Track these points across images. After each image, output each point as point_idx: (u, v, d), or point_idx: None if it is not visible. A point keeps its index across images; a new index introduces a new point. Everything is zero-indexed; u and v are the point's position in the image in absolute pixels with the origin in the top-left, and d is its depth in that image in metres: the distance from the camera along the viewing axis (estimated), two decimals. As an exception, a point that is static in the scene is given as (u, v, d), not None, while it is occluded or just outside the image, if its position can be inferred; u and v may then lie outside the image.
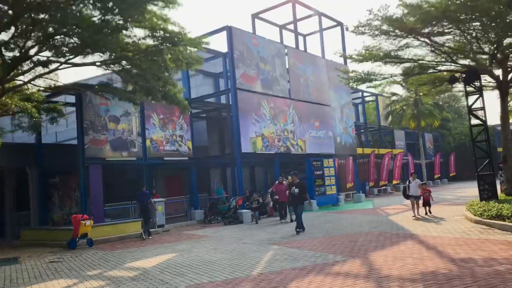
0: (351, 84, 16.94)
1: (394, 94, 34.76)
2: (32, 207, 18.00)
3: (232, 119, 19.13)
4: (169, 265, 9.11)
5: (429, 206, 15.66)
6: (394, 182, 36.36)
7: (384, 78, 16.62)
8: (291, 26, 26.45)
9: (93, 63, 12.41)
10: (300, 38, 27.44)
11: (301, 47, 26.45)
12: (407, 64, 17.51)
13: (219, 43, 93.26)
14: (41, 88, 14.68)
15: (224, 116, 23.81)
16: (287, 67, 22.53)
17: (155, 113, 19.04)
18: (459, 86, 24.30)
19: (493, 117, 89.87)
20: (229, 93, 19.32)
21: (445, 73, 17.10)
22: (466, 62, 16.28)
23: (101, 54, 12.20)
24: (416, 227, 12.59)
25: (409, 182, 15.83)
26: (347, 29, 28.85)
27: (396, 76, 17.00)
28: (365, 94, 37.32)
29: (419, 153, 46.01)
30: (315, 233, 12.92)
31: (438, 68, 16.35)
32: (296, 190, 13.61)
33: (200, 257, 9.85)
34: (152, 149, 18.71)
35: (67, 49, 11.72)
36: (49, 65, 12.66)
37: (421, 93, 33.40)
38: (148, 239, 14.89)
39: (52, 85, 14.37)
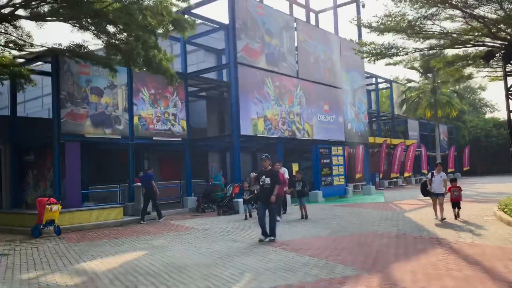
0: (367, 59, 14.67)
1: (410, 80, 32.40)
2: (4, 187, 16.14)
3: (231, 98, 16.99)
4: (128, 270, 7.09)
5: (459, 208, 12.18)
6: (406, 174, 34.16)
7: (407, 54, 14.30)
8: (302, 1, 24.08)
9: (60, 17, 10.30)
10: (312, 15, 25.09)
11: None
12: (433, 41, 15.20)
13: (221, 13, 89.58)
14: (11, 52, 12.69)
15: (226, 96, 21.68)
16: (295, 42, 20.26)
17: (145, 87, 16.96)
18: (481, 74, 21.95)
19: None
20: (228, 67, 17.15)
21: (479, 49, 14.76)
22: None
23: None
24: (442, 229, 10.47)
25: (432, 175, 12.34)
26: (363, 6, 26.61)
27: (421, 50, 14.66)
28: (379, 80, 34.96)
29: (433, 145, 43.82)
30: (319, 230, 10.86)
31: (472, 42, 14.01)
32: (267, 181, 9.62)
33: (172, 260, 7.83)
34: (141, 127, 16.67)
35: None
36: (13, 21, 10.63)
37: (439, 81, 31.08)
38: (135, 227, 12.95)
39: (22, 47, 12.35)
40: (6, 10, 10.71)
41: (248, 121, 17.16)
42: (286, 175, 15.02)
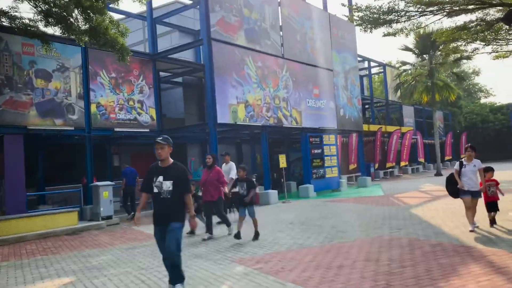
0: (362, 27, 12.42)
1: (404, 63, 30.15)
2: None
3: (205, 80, 14.64)
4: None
5: (496, 210, 8.49)
6: (402, 163, 32.13)
7: (409, 19, 12.00)
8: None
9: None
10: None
11: None
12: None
13: None
14: None
15: (204, 81, 19.31)
16: (280, 18, 17.90)
17: (104, 70, 14.54)
18: (487, 50, 19.77)
19: None
20: (201, 44, 14.76)
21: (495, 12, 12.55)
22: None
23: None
24: (463, 229, 8.28)
25: (462, 165, 8.34)
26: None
27: (426, 14, 12.36)
28: (372, 64, 32.74)
29: (430, 132, 41.83)
30: (310, 236, 8.62)
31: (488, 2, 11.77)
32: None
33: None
34: (100, 117, 14.27)
35: None
36: None
37: (436, 62, 28.92)
38: (88, 235, 10.60)
39: None
40: None
41: (226, 107, 14.83)
42: (233, 172, 11.28)
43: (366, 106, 35.13)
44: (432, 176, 27.93)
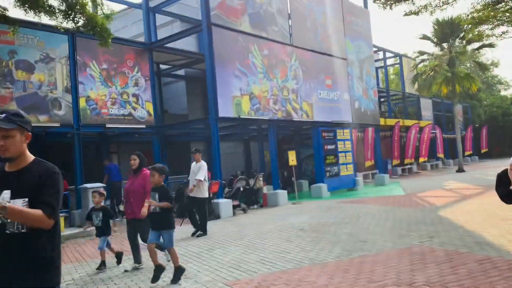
0: (381, 3, 10.88)
1: (422, 53, 28.32)
2: None
3: (206, 70, 13.24)
4: None
5: None
6: (421, 159, 30.38)
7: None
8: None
9: None
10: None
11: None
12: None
13: None
14: None
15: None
16: (288, 2, 16.40)
17: (95, 61, 13.23)
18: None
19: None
20: (200, 30, 13.36)
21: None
22: None
23: None
24: (510, 238, 6.76)
25: None
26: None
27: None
28: (387, 55, 31.00)
29: (449, 126, 39.91)
30: (323, 247, 7.16)
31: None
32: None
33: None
34: (90, 112, 12.97)
35: None
36: None
37: (456, 51, 27.08)
38: (69, 245, 9.31)
39: None
40: None
41: (228, 100, 13.41)
42: (202, 174, 9.31)
43: (382, 100, 33.40)
44: (453, 173, 26.17)
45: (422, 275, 5.22)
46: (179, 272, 5.79)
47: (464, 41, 26.61)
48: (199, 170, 9.38)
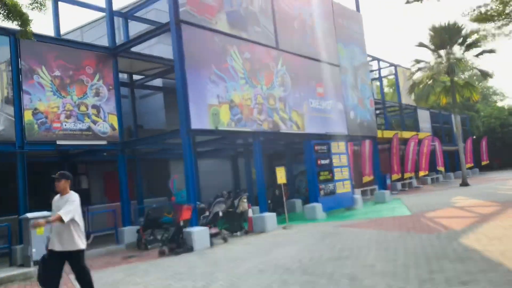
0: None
1: (418, 61, 26.65)
2: None
3: (175, 74, 11.28)
4: None
5: None
6: (421, 173, 28.45)
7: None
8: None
9: None
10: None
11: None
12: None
13: None
14: None
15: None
16: (271, 1, 14.60)
17: (45, 67, 11.24)
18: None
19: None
20: (167, 30, 11.44)
21: None
22: None
23: None
24: None
25: None
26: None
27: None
28: (382, 65, 29.34)
29: (448, 138, 38.22)
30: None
31: None
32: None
33: None
34: (37, 127, 10.92)
35: None
36: None
37: (455, 58, 25.42)
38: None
39: None
40: None
41: (203, 109, 11.43)
42: (70, 212, 5.67)
43: (378, 112, 31.65)
44: (457, 187, 24.26)
45: None
46: None
47: (463, 47, 24.96)
48: (65, 206, 5.72)
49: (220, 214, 11.47)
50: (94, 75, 12.25)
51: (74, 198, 5.81)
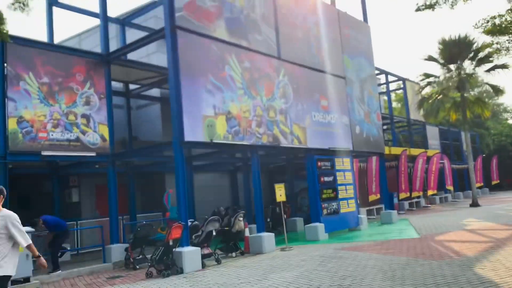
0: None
1: (428, 75, 25.90)
2: None
3: (169, 83, 10.62)
4: None
5: None
6: (430, 192, 27.44)
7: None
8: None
9: None
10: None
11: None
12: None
13: None
14: None
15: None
16: (274, 8, 13.99)
17: (32, 73, 10.64)
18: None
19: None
20: (163, 37, 10.80)
21: None
22: None
23: None
24: None
25: None
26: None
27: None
28: (389, 78, 28.60)
29: (457, 156, 37.20)
30: None
31: None
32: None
33: None
34: (22, 136, 10.26)
35: None
36: None
37: (464, 74, 24.63)
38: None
39: None
40: None
41: (198, 120, 10.73)
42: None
43: (385, 127, 30.83)
44: (467, 207, 23.25)
45: None
46: None
47: (474, 61, 24.18)
48: (15, 229, 4.91)
49: (214, 233, 10.66)
50: (85, 82, 11.63)
51: (6, 215, 4.93)
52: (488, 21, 12.67)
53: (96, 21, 18.45)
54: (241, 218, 11.80)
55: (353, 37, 17.71)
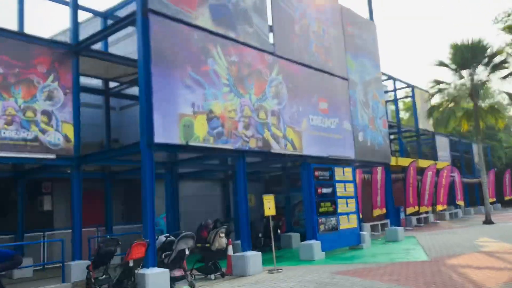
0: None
1: (438, 82, 24.25)
2: None
3: (138, 75, 9.15)
4: None
5: None
6: (439, 207, 25.63)
7: None
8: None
9: None
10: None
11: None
12: None
13: None
14: None
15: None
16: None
17: (-18, 61, 9.23)
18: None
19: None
20: (133, 22, 9.39)
21: None
22: None
23: None
24: None
25: None
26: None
27: None
28: (397, 85, 27.01)
29: (468, 169, 35.31)
30: None
31: None
32: None
33: None
34: (-35, 134, 8.82)
35: None
36: None
37: (480, 80, 23.01)
38: None
39: None
40: None
41: (173, 119, 9.23)
42: None
43: (392, 137, 29.16)
44: (480, 225, 21.47)
45: None
46: None
47: (488, 68, 22.55)
48: None
49: (187, 252, 9.08)
50: (48, 75, 10.20)
51: None
52: (509, 15, 11.09)
53: (85, 15, 17.22)
54: (222, 235, 10.21)
55: (357, 36, 16.21)
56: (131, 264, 8.06)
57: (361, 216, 16.35)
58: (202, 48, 10.16)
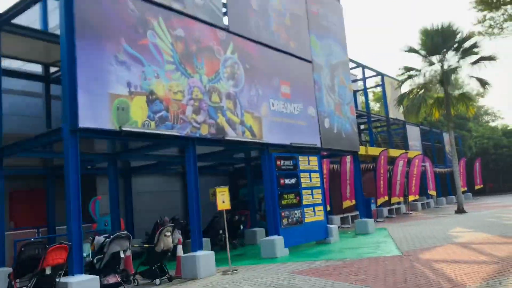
0: None
1: (408, 69, 23.49)
2: None
3: (60, 48, 7.73)
4: None
5: None
6: (411, 198, 25.00)
7: None
8: None
9: None
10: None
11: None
12: None
13: None
14: None
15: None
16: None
17: None
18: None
19: None
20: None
21: None
22: None
23: None
24: None
25: None
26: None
27: None
28: (367, 74, 26.15)
29: (439, 158, 35.02)
30: None
31: None
32: None
33: None
34: None
35: None
36: None
37: (450, 65, 22.35)
38: None
39: None
40: None
41: (102, 100, 7.84)
42: None
43: (362, 127, 28.38)
44: (452, 214, 20.92)
45: None
46: None
47: (458, 53, 21.92)
48: None
49: (122, 255, 7.76)
50: (-43, 51, 8.65)
51: None
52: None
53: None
54: (168, 233, 8.92)
55: (323, 16, 15.11)
56: (48, 272, 6.69)
57: (329, 208, 15.36)
58: (139, 19, 8.81)
